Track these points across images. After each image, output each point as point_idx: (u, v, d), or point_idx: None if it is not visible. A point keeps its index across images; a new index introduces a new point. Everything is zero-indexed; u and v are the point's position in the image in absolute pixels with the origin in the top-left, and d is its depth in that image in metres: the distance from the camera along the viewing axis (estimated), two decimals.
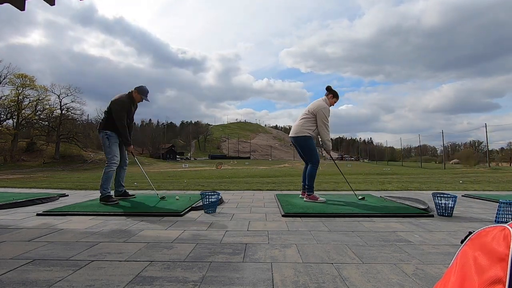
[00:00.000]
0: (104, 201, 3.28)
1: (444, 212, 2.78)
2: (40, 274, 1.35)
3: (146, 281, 1.28)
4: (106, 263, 1.50)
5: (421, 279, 1.30)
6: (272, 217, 2.73)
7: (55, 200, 3.89)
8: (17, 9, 2.65)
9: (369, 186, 6.22)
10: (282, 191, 4.92)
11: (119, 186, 3.64)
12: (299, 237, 2.02)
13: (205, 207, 2.94)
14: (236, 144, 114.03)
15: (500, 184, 7.08)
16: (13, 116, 39.07)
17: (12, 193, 4.46)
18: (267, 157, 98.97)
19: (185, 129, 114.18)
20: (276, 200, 3.68)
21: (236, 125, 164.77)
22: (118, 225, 2.39)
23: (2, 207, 3.18)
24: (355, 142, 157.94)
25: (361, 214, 2.78)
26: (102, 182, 3.31)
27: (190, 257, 1.60)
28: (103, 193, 3.30)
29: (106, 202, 3.26)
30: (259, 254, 1.65)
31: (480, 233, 0.68)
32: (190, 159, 68.24)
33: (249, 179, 9.78)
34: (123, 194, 3.65)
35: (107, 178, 3.34)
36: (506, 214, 2.50)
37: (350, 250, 1.72)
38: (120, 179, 3.64)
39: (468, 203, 3.65)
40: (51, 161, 38.65)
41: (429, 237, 2.04)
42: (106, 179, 3.33)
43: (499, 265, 0.54)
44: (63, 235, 2.07)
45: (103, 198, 3.29)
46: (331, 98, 3.72)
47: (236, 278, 1.31)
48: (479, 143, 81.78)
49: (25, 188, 5.87)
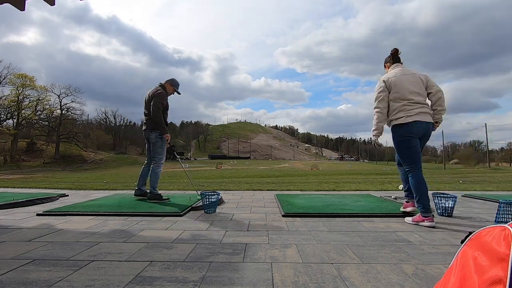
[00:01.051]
0: (157, 199, 3.40)
1: (444, 212, 2.78)
2: (40, 274, 1.35)
3: (146, 281, 1.28)
4: (106, 263, 1.50)
5: (421, 279, 1.30)
6: (272, 217, 2.73)
7: (55, 200, 3.89)
8: (17, 9, 2.65)
9: (369, 186, 6.22)
10: (282, 191, 4.92)
11: (142, 185, 3.66)
12: (299, 237, 2.02)
13: (205, 207, 2.94)
14: (236, 144, 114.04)
15: (500, 184, 7.08)
16: (13, 116, 39.10)
17: (12, 193, 4.46)
18: (267, 157, 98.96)
19: (185, 129, 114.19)
20: (276, 200, 3.68)
21: (236, 125, 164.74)
22: (118, 225, 2.39)
23: (2, 207, 3.18)
24: (355, 142, 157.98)
25: (361, 214, 2.78)
26: (153, 182, 3.43)
27: (190, 257, 1.60)
28: (154, 192, 3.43)
29: (159, 200, 3.39)
30: (259, 254, 1.65)
31: (480, 233, 0.68)
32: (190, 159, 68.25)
33: (249, 179, 9.79)
34: (145, 194, 3.64)
35: (158, 178, 3.46)
36: (506, 214, 2.50)
37: (350, 250, 1.72)
38: (146, 177, 3.66)
39: (468, 203, 3.65)
40: (51, 161, 38.65)
41: (429, 237, 2.04)
42: (157, 179, 3.45)
43: (500, 265, 0.53)
44: (63, 235, 2.07)
45: (155, 197, 3.41)
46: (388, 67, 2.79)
47: (236, 278, 1.31)
48: (479, 143, 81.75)
49: (25, 188, 5.87)
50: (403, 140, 2.49)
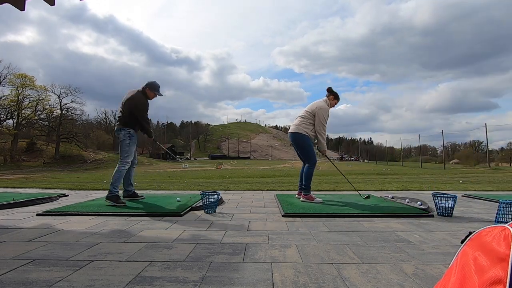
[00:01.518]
0: (112, 201, 3.13)
1: (444, 212, 2.78)
2: (40, 274, 1.35)
3: (146, 281, 1.28)
4: (106, 263, 1.50)
5: (421, 279, 1.30)
6: (272, 217, 2.73)
7: (55, 200, 3.89)
8: (17, 9, 2.65)
9: (369, 186, 6.22)
10: (282, 191, 4.92)
11: (128, 185, 3.58)
12: (299, 237, 2.02)
13: (205, 207, 2.94)
14: (236, 144, 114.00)
15: (500, 184, 7.08)
16: (13, 116, 39.07)
17: (12, 193, 4.46)
18: (267, 157, 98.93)
19: (185, 129, 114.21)
20: (276, 200, 3.68)
21: (236, 125, 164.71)
22: (118, 225, 2.39)
23: (2, 207, 3.18)
24: (355, 142, 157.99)
25: (361, 214, 2.78)
26: (113, 180, 3.22)
27: (190, 257, 1.60)
28: (113, 191, 3.17)
29: (115, 203, 3.11)
30: (259, 254, 1.65)
31: (480, 233, 0.68)
32: (190, 159, 68.24)
33: (249, 179, 9.79)
34: (132, 195, 3.59)
35: (119, 176, 3.28)
36: (506, 214, 2.50)
37: (350, 250, 1.72)
38: (130, 178, 3.59)
39: (468, 203, 3.65)
40: (51, 161, 38.65)
41: (429, 237, 2.04)
42: (118, 177, 3.27)
43: (500, 265, 0.54)
44: (63, 235, 2.07)
45: (111, 197, 3.14)
46: (332, 99, 3.71)
47: (236, 278, 1.31)
48: (479, 143, 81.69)
49: (25, 188, 5.87)
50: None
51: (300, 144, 3.62)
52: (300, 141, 3.61)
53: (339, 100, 3.76)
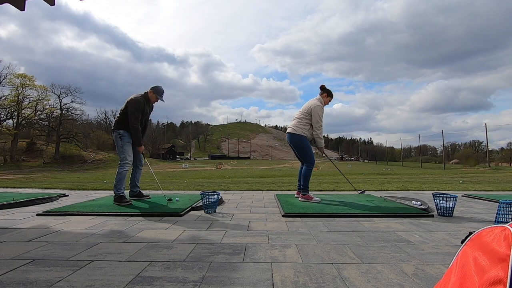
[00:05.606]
0: (118, 202, 3.22)
1: (445, 212, 2.78)
2: (40, 274, 1.34)
3: (146, 281, 1.27)
4: (106, 263, 1.50)
5: (421, 279, 1.30)
6: (272, 217, 2.73)
7: (55, 200, 3.89)
8: (17, 9, 2.65)
9: (369, 186, 6.22)
10: (282, 191, 4.92)
11: (134, 186, 3.59)
12: (299, 237, 2.01)
13: (205, 207, 2.94)
14: (236, 144, 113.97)
15: (500, 184, 7.08)
16: (13, 116, 39.10)
17: (12, 193, 4.46)
18: (267, 157, 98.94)
19: (185, 129, 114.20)
20: (276, 200, 3.68)
21: (236, 125, 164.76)
22: (118, 225, 2.39)
23: (2, 207, 3.18)
24: (355, 142, 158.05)
25: (361, 214, 2.78)
26: (116, 182, 3.28)
27: (190, 257, 1.59)
28: (117, 193, 3.25)
29: (119, 203, 3.20)
30: (259, 254, 1.65)
31: (481, 233, 0.68)
32: (190, 159, 68.19)
33: (249, 179, 9.79)
34: (138, 195, 3.61)
35: (120, 178, 3.31)
36: (506, 214, 2.50)
37: (350, 250, 1.72)
38: (135, 180, 3.59)
39: (468, 203, 3.65)
40: (51, 161, 38.66)
41: (429, 237, 2.04)
42: (120, 179, 3.30)
43: (500, 265, 0.53)
44: (63, 235, 2.07)
45: (117, 199, 3.25)
46: (325, 97, 3.74)
47: (236, 278, 1.31)
48: (479, 143, 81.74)
49: (25, 188, 5.87)
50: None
51: (298, 145, 3.66)
52: (298, 142, 3.65)
53: (332, 97, 3.80)
